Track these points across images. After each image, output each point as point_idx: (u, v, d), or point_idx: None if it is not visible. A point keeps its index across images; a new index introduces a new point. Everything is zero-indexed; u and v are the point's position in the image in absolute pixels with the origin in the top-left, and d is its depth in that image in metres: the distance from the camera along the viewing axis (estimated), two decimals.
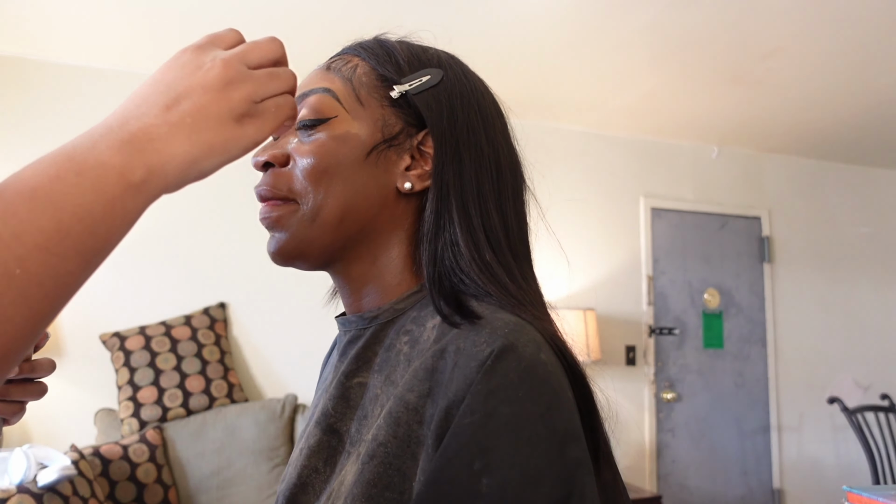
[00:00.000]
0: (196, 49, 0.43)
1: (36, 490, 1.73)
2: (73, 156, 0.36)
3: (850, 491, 0.71)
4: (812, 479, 3.75)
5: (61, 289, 0.34)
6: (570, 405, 0.43)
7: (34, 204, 0.33)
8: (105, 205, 0.35)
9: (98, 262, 0.36)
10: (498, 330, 0.44)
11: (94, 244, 0.35)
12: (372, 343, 0.53)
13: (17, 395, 0.50)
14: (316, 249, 0.53)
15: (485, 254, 0.51)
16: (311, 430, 0.54)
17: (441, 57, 0.57)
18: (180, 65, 0.42)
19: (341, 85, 0.54)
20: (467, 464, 0.40)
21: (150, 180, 0.37)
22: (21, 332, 0.32)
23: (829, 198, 4.09)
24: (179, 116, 0.39)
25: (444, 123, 0.53)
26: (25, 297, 0.32)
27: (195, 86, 0.41)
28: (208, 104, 0.41)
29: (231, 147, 0.41)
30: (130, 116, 0.39)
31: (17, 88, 2.65)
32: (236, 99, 0.42)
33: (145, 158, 0.37)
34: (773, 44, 2.56)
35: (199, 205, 2.81)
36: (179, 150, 0.39)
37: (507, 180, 0.56)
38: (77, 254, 0.34)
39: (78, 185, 0.34)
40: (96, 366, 2.58)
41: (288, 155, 0.54)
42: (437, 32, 0.64)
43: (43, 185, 0.34)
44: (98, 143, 0.37)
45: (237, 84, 0.42)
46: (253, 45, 0.45)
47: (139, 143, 0.38)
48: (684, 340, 3.62)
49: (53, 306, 0.34)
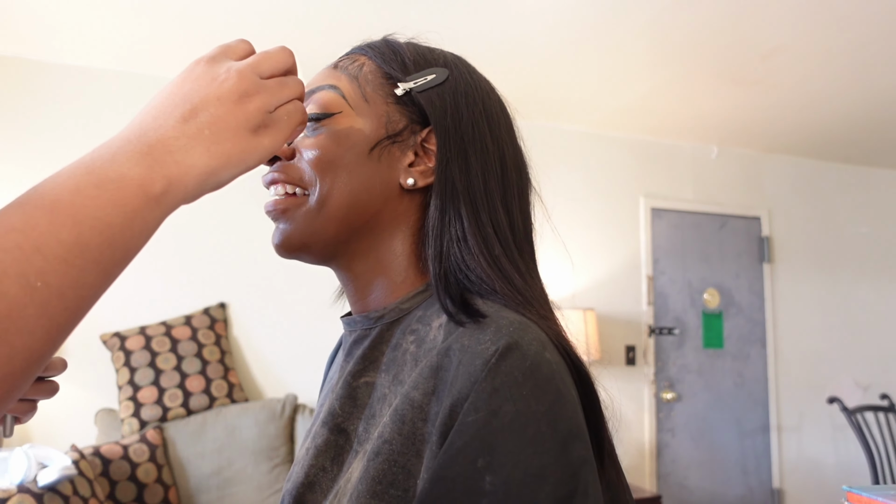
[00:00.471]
0: (209, 61, 0.44)
1: (36, 490, 1.73)
2: (92, 168, 0.36)
3: (850, 491, 0.71)
4: (812, 479, 3.75)
5: (81, 300, 0.34)
6: (573, 404, 0.43)
7: (54, 216, 0.33)
8: (124, 217, 0.36)
9: (117, 273, 0.37)
10: (503, 328, 0.45)
11: (113, 256, 0.35)
12: (378, 343, 0.54)
13: (30, 393, 0.50)
14: (320, 242, 0.54)
15: (494, 248, 0.52)
16: (317, 429, 0.54)
17: (447, 57, 0.58)
18: (195, 77, 0.43)
19: (347, 82, 0.55)
20: (471, 461, 0.40)
21: (169, 192, 0.38)
22: (43, 343, 0.33)
23: (829, 198, 4.09)
24: (197, 128, 0.40)
25: (448, 120, 0.54)
26: (46, 310, 0.32)
27: (211, 97, 0.42)
28: (225, 115, 0.41)
29: (248, 157, 0.42)
30: (148, 128, 0.39)
31: (17, 88, 2.65)
32: (251, 110, 0.43)
33: (165, 170, 0.38)
34: (773, 44, 2.56)
35: (199, 205, 2.80)
36: (199, 161, 0.40)
37: (513, 179, 0.56)
38: (96, 265, 0.35)
39: (98, 198, 0.35)
40: (97, 366, 2.58)
41: (294, 148, 0.55)
42: (437, 32, 0.65)
43: (63, 197, 0.34)
44: (117, 155, 0.37)
45: (252, 95, 0.43)
46: (264, 55, 0.46)
47: (158, 155, 0.38)
48: (684, 340, 3.62)
49: (74, 317, 0.34)
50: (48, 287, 0.32)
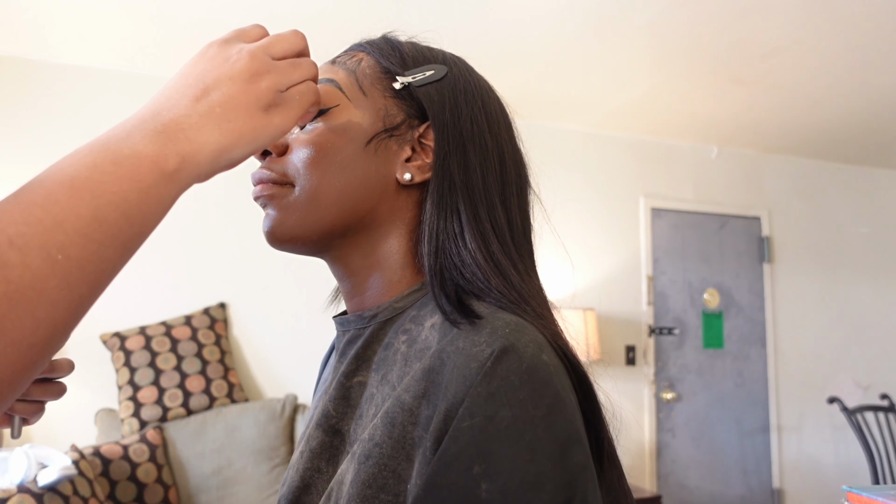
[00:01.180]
0: (223, 43, 0.45)
1: (36, 490, 1.73)
2: (108, 146, 0.37)
3: (850, 491, 0.71)
4: (812, 479, 3.75)
5: (101, 274, 0.36)
6: (572, 408, 0.43)
7: (73, 192, 0.34)
8: (140, 192, 0.37)
9: (134, 248, 0.38)
10: (498, 330, 0.44)
11: (130, 230, 0.37)
12: (371, 342, 0.53)
13: (38, 394, 0.50)
14: (312, 231, 0.53)
15: (491, 245, 0.51)
16: (311, 432, 0.53)
17: (446, 55, 0.58)
18: (208, 58, 0.44)
19: (345, 76, 0.55)
20: (466, 468, 0.39)
21: (182, 168, 0.39)
22: (65, 315, 0.34)
23: (829, 198, 4.09)
24: (209, 107, 0.41)
25: (447, 116, 0.53)
26: (68, 282, 0.34)
27: (223, 77, 0.42)
28: (237, 94, 0.42)
29: (259, 135, 0.43)
30: (162, 108, 0.41)
31: (17, 88, 2.65)
32: (263, 88, 0.43)
33: (178, 147, 0.39)
34: (773, 44, 2.56)
35: (199, 205, 2.81)
36: (211, 138, 0.40)
37: (512, 177, 0.56)
38: (114, 240, 0.36)
39: (114, 174, 0.36)
40: (97, 366, 2.58)
41: (287, 144, 0.54)
42: (437, 32, 0.65)
43: (81, 174, 0.35)
44: (132, 133, 0.38)
45: (263, 74, 0.44)
46: (277, 37, 0.46)
47: (171, 133, 0.39)
48: (684, 340, 3.62)
49: (94, 291, 0.35)
50: (69, 260, 0.33)
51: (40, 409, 0.51)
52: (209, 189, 2.81)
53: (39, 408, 0.51)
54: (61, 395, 0.51)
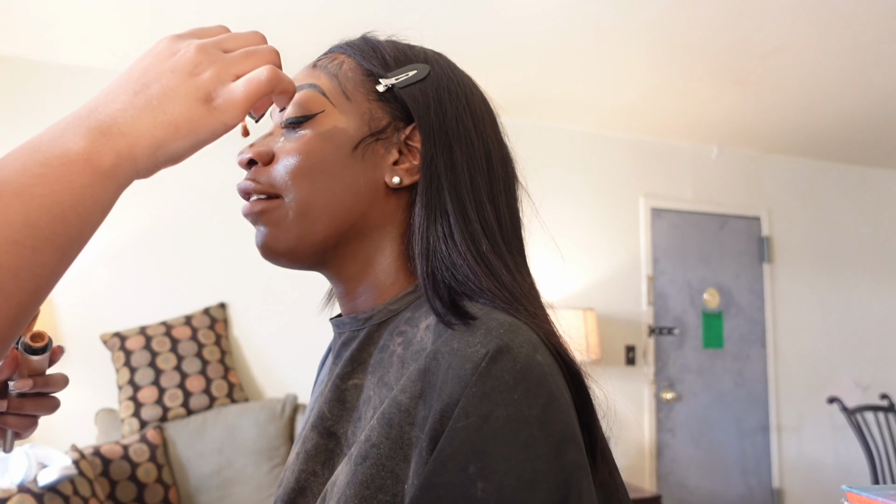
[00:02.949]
0: (175, 38, 0.43)
1: (36, 490, 1.73)
2: (38, 147, 0.36)
3: (850, 491, 0.71)
4: (812, 479, 3.75)
5: (38, 280, 0.34)
6: (566, 407, 0.43)
7: (1, 198, 0.33)
8: (73, 193, 0.35)
9: (75, 250, 0.36)
10: (493, 330, 0.44)
11: (66, 233, 0.35)
12: (366, 344, 0.53)
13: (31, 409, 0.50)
14: (306, 245, 0.52)
15: (481, 244, 0.51)
16: (307, 434, 0.53)
17: (427, 53, 0.57)
18: (155, 52, 0.42)
19: (327, 80, 0.54)
20: (462, 468, 0.39)
21: (119, 164, 0.37)
22: (4, 325, 0.33)
23: (829, 198, 4.09)
24: (146, 100, 0.39)
25: (432, 116, 0.53)
26: (3, 292, 0.32)
27: (165, 70, 0.40)
28: (176, 86, 0.40)
29: (197, 127, 0.40)
30: (99, 104, 0.39)
31: (17, 88, 2.66)
32: (204, 80, 0.41)
33: (111, 143, 0.37)
34: (773, 44, 2.56)
35: (199, 205, 2.81)
36: (146, 132, 0.38)
37: (499, 174, 0.55)
38: (49, 244, 0.34)
39: (43, 176, 0.34)
40: (97, 366, 2.58)
41: (273, 153, 0.53)
42: (437, 32, 0.65)
43: (9, 178, 0.34)
44: (65, 132, 0.37)
45: (208, 66, 0.41)
46: (234, 34, 0.44)
47: (105, 128, 0.37)
48: (684, 340, 3.62)
49: (32, 298, 0.34)
50: (1, 269, 0.32)
51: (33, 423, 0.51)
52: (209, 189, 2.81)
53: (32, 422, 0.51)
54: (55, 409, 0.51)
